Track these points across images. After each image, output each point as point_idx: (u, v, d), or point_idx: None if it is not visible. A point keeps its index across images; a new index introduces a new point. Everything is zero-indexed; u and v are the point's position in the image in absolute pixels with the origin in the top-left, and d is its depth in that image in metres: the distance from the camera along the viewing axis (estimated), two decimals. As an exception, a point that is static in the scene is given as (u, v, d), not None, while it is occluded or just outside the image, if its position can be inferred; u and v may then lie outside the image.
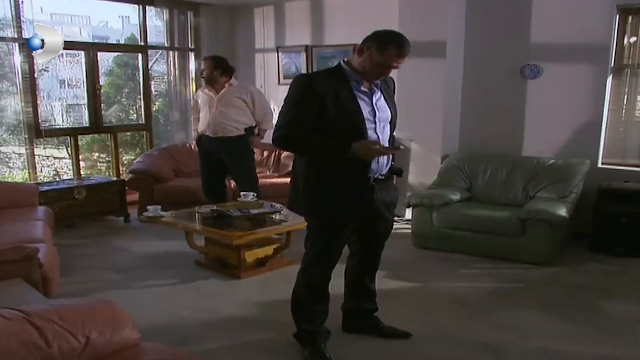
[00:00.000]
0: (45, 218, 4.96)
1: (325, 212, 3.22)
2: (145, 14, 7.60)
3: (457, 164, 6.04)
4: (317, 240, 3.31)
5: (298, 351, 3.43)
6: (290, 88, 3.18)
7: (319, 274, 3.37)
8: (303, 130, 3.08)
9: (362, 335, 3.64)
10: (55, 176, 7.50)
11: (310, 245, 3.36)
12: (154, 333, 3.56)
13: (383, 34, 3.18)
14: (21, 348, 2.18)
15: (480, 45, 6.28)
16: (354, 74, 3.19)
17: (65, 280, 4.44)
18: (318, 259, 3.34)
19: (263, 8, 8.12)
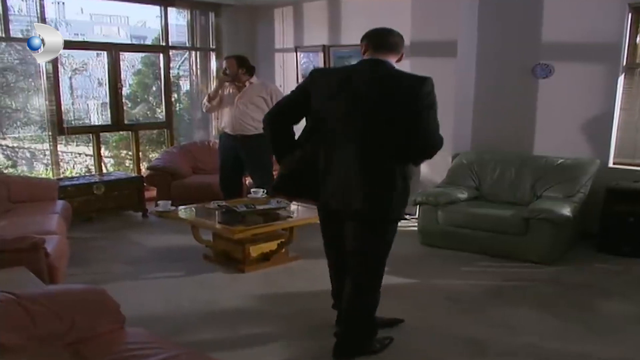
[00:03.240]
0: (62, 212, 5.17)
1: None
2: (167, 15, 7.79)
3: (466, 163, 6.07)
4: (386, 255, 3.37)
5: (289, 344, 3.56)
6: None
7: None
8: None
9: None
10: (87, 172, 7.73)
11: (383, 260, 3.36)
12: (153, 321, 3.73)
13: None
14: (9, 328, 2.35)
15: (492, 44, 6.31)
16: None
17: (76, 270, 4.66)
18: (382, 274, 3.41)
19: (283, 8, 8.26)
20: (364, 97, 3.04)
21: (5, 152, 8.48)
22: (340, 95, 3.09)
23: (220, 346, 3.52)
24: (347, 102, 3.07)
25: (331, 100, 3.11)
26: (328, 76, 3.31)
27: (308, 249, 5.39)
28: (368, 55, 3.18)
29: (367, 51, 3.19)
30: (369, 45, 3.19)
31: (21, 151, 8.45)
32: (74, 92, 9.17)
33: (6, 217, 4.91)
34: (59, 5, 10.95)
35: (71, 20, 13.86)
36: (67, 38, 8.46)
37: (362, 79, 3.09)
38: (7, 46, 6.96)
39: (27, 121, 7.40)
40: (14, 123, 7.57)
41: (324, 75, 3.36)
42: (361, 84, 3.07)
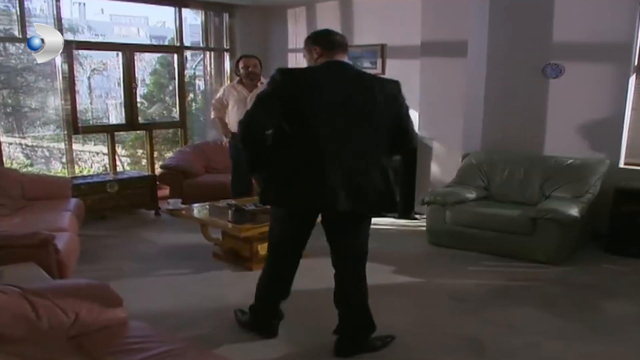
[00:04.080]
0: (74, 209, 5.28)
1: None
2: (182, 15, 7.88)
3: (475, 163, 6.09)
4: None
5: (291, 341, 3.63)
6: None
7: None
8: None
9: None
10: (104, 171, 7.84)
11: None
12: (160, 317, 3.82)
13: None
14: (13, 320, 2.43)
15: (503, 44, 6.31)
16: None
17: (86, 267, 4.76)
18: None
19: (296, 9, 8.32)
20: (354, 100, 3.12)
21: (24, 151, 8.64)
22: (329, 97, 3.11)
23: (224, 341, 3.57)
24: (339, 104, 3.10)
25: (319, 102, 3.11)
26: (303, 77, 3.23)
27: (315, 248, 5.41)
28: (325, 58, 3.22)
29: (322, 55, 3.24)
30: (325, 48, 3.24)
31: (40, 150, 8.61)
32: (93, 92, 9.33)
33: (20, 214, 5.03)
34: (80, 6, 11.13)
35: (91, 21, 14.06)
36: (87, 38, 8.66)
37: (345, 83, 3.15)
38: (26, 47, 7.09)
39: (45, 121, 7.54)
40: (34, 122, 7.72)
41: (297, 76, 3.26)
42: (346, 88, 3.13)
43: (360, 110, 3.12)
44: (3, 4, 6.58)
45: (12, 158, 8.26)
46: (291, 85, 3.12)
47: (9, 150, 8.29)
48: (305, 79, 3.18)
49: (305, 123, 3.10)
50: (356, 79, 3.21)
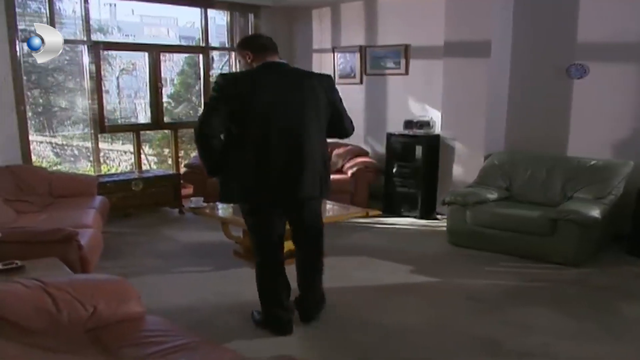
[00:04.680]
0: (99, 207, 5.40)
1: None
2: (207, 16, 7.98)
3: (497, 164, 6.06)
4: None
5: (305, 337, 3.67)
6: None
7: None
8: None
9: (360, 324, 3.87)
10: (131, 170, 7.96)
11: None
12: (177, 312, 3.90)
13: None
14: (34, 312, 2.51)
15: (527, 44, 6.27)
16: None
17: (109, 263, 4.88)
18: None
19: (320, 9, 8.37)
20: (299, 93, 3.43)
21: (54, 150, 8.82)
22: (272, 95, 3.37)
23: (240, 337, 3.63)
24: (281, 101, 3.38)
25: (263, 101, 3.35)
26: (245, 79, 3.45)
27: (334, 247, 5.48)
28: (258, 60, 3.49)
29: (254, 58, 3.50)
30: (255, 51, 3.51)
31: (69, 149, 8.78)
32: (121, 92, 9.48)
33: (46, 210, 5.17)
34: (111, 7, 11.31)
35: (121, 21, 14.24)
36: (117, 39, 8.82)
37: (290, 78, 3.49)
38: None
39: (75, 120, 7.69)
40: (63, 122, 7.88)
41: (239, 79, 3.52)
42: (288, 84, 3.44)
43: (300, 104, 3.43)
44: (35, 6, 6.74)
45: (43, 156, 8.44)
46: (235, 88, 3.35)
47: (39, 148, 8.48)
48: (247, 81, 3.41)
49: (252, 122, 3.35)
50: (293, 76, 3.55)
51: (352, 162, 7.34)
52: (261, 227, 3.65)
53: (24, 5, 6.71)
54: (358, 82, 7.99)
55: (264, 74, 3.43)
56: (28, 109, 6.71)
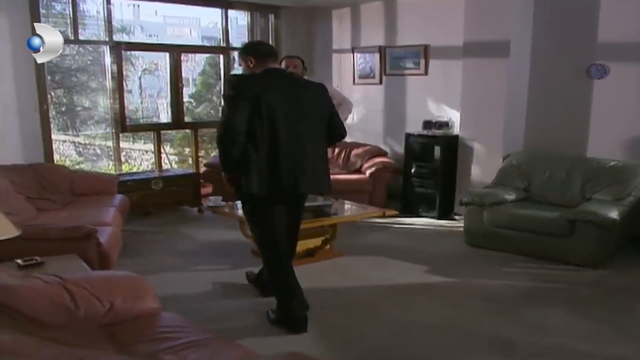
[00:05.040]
0: (119, 205, 5.47)
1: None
2: (227, 17, 8.04)
3: (516, 164, 6.04)
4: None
5: (318, 335, 3.70)
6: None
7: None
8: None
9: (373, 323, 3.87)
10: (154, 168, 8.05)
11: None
12: (193, 310, 3.97)
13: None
14: (52, 307, 2.57)
15: (546, 44, 6.24)
16: None
17: (128, 261, 4.95)
18: None
19: (340, 10, 8.39)
20: (301, 99, 3.70)
21: (77, 149, 8.94)
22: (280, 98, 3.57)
23: (253, 334, 3.66)
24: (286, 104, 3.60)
25: (274, 102, 3.53)
26: (256, 81, 3.60)
27: (351, 246, 5.51)
28: (259, 65, 3.70)
29: (256, 63, 3.72)
30: (257, 57, 3.73)
31: (92, 148, 8.90)
32: (144, 92, 9.58)
33: (67, 208, 5.25)
34: (134, 8, 11.43)
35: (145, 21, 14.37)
36: (140, 39, 8.92)
37: (293, 85, 3.77)
38: (80, 47, 7.36)
39: (98, 119, 7.79)
40: (86, 121, 7.99)
41: (252, 80, 3.63)
42: (293, 90, 3.71)
43: (301, 107, 3.68)
44: (60, 7, 6.84)
45: (66, 155, 8.56)
46: (252, 88, 3.52)
47: (63, 147, 8.60)
48: (261, 83, 3.58)
49: (267, 121, 3.52)
50: (294, 83, 3.89)
51: (370, 162, 7.35)
52: (272, 221, 3.79)
53: (48, 7, 6.83)
54: (377, 82, 8.00)
55: (270, 78, 3.63)
56: (52, 109, 6.82)
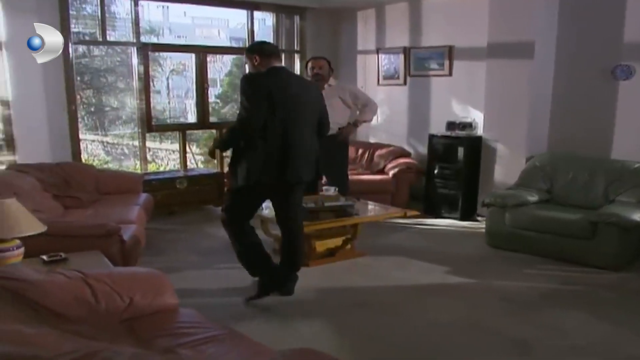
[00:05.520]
0: (144, 204, 5.57)
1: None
2: (253, 18, 8.11)
3: (539, 165, 6.01)
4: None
5: (340, 332, 3.75)
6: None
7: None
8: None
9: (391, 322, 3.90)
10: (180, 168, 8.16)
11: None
12: (212, 307, 4.04)
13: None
14: (74, 301, 2.64)
15: (571, 45, 6.18)
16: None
17: (151, 259, 5.03)
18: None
19: (365, 11, 8.41)
20: (305, 95, 4.12)
21: (106, 149, 9.11)
22: (287, 94, 3.95)
23: (269, 331, 3.72)
24: (292, 100, 3.98)
25: (282, 98, 3.92)
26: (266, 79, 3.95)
27: (374, 246, 5.54)
28: (264, 64, 4.02)
29: (261, 62, 4.04)
30: (262, 55, 4.04)
31: (120, 147, 9.05)
32: (171, 92, 9.72)
33: (93, 206, 5.35)
34: (164, 9, 11.59)
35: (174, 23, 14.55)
36: (168, 40, 9.05)
37: (294, 84, 4.12)
38: (109, 49, 7.50)
39: (126, 119, 7.92)
40: (114, 121, 8.13)
41: (263, 78, 3.97)
42: (296, 87, 4.08)
43: (303, 104, 4.08)
44: (91, 8, 6.97)
45: (94, 155, 8.73)
46: (265, 85, 3.89)
47: (92, 147, 8.77)
48: (269, 80, 3.93)
49: (277, 116, 3.89)
50: (298, 81, 4.32)
51: (393, 162, 7.37)
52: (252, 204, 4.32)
53: (78, 8, 6.97)
54: (402, 83, 8.01)
55: (277, 77, 4.00)
56: (81, 109, 6.95)
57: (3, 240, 3.24)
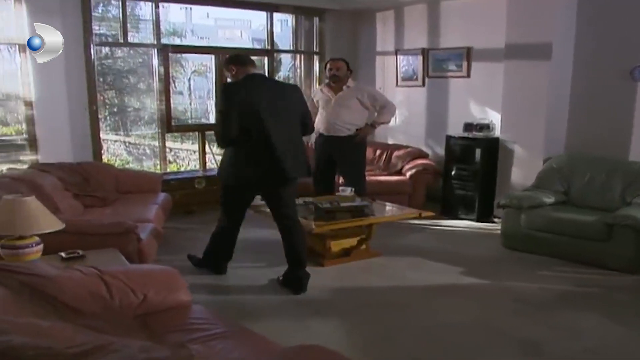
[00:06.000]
0: (162, 203, 5.66)
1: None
2: (273, 20, 8.18)
3: (556, 167, 5.99)
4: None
5: (348, 334, 3.79)
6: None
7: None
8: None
9: (402, 321, 3.93)
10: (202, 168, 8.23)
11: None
12: (226, 305, 4.12)
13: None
14: (89, 297, 2.72)
15: (590, 46, 6.15)
16: None
17: (168, 257, 5.11)
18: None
19: (384, 12, 8.43)
20: (284, 99, 4.40)
21: (127, 149, 9.22)
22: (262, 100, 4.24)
23: (283, 331, 3.74)
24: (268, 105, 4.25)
25: (257, 104, 4.21)
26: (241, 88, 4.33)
27: (389, 247, 5.57)
28: (241, 72, 4.42)
29: (237, 71, 4.44)
30: (238, 64, 4.46)
31: (142, 148, 9.16)
32: (193, 93, 9.80)
33: (112, 205, 5.46)
34: (187, 11, 11.71)
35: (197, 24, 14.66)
36: (190, 42, 9.15)
37: (275, 87, 4.55)
38: (131, 50, 7.61)
39: (148, 120, 8.03)
40: (136, 122, 8.24)
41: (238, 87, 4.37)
42: (272, 90, 4.39)
43: (282, 107, 4.35)
44: (115, 11, 7.09)
45: (116, 155, 8.84)
46: (239, 95, 4.26)
47: (114, 147, 8.88)
48: (243, 89, 4.30)
49: (256, 119, 4.20)
50: (274, 85, 4.68)
51: (411, 164, 7.38)
52: (241, 200, 4.71)
53: (103, 10, 7.10)
54: (420, 84, 8.02)
55: (254, 83, 4.36)
56: (105, 109, 7.07)
57: (22, 237, 3.32)
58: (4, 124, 6.63)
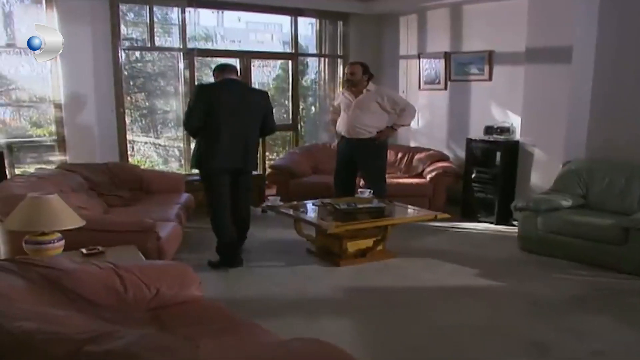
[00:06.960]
0: (184, 203, 5.81)
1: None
2: (297, 24, 8.30)
3: (575, 170, 5.98)
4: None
5: (361, 334, 3.88)
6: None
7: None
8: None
9: (413, 321, 3.99)
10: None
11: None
12: (241, 302, 4.22)
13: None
14: (104, 290, 2.85)
15: (611, 49, 6.12)
16: None
17: (188, 255, 5.27)
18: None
19: (407, 16, 8.49)
20: (245, 101, 5.07)
21: (157, 150, 9.40)
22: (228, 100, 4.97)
23: (295, 328, 3.83)
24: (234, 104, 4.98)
25: (227, 103, 4.95)
26: (213, 89, 5.13)
27: (406, 248, 5.63)
28: (219, 77, 5.19)
29: (218, 76, 5.21)
30: (219, 72, 5.24)
31: (171, 149, 9.33)
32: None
33: (136, 205, 5.62)
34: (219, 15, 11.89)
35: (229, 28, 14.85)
36: (222, 46, 9.31)
37: (240, 91, 5.16)
38: (159, 54, 7.77)
39: (177, 122, 8.19)
40: (167, 124, 8.42)
41: (209, 88, 5.20)
42: (239, 93, 5.09)
43: (245, 107, 5.06)
44: (146, 15, 7.26)
45: (146, 156, 9.02)
46: (207, 94, 5.03)
47: (144, 149, 9.06)
48: (214, 90, 5.10)
49: (217, 117, 4.92)
50: (242, 89, 5.26)
51: (432, 166, 7.42)
52: (219, 188, 5.13)
53: (138, 14, 7.30)
54: (442, 88, 8.06)
55: (224, 86, 5.08)
56: (133, 112, 7.26)
57: (45, 233, 3.47)
58: (37, 126, 6.85)
